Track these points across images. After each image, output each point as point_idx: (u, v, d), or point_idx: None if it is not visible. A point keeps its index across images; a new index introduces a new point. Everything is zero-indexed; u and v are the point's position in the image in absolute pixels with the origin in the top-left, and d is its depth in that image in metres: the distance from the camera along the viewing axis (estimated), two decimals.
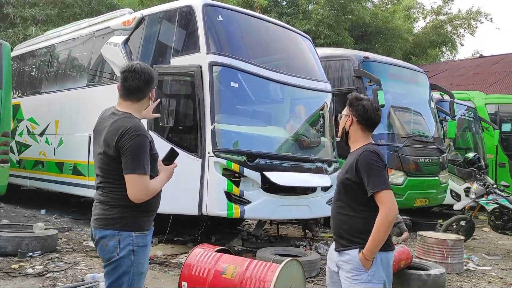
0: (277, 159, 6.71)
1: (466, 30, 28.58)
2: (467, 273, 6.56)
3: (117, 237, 2.64)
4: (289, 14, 21.60)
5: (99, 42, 8.46)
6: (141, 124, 2.70)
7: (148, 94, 2.80)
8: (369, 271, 2.71)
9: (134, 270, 2.67)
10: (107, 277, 2.71)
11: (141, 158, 2.59)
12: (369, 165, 2.74)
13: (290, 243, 7.41)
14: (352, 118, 2.94)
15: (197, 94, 6.33)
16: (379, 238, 2.66)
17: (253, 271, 4.12)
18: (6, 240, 5.81)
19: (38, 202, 10.26)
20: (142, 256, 2.71)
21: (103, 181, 2.72)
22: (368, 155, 2.78)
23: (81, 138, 8.23)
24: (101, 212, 2.70)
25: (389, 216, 2.66)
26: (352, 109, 2.95)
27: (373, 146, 2.89)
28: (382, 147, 9.02)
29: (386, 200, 2.68)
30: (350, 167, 2.83)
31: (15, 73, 10.69)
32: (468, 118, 12.38)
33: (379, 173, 2.74)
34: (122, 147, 2.58)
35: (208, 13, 6.70)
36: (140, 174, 2.59)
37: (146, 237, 2.74)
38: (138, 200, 2.62)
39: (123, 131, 2.60)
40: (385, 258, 2.80)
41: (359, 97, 2.99)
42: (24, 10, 15.06)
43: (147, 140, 2.66)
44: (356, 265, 2.74)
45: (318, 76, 7.86)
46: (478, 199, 8.10)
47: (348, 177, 2.83)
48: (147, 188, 2.63)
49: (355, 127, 2.94)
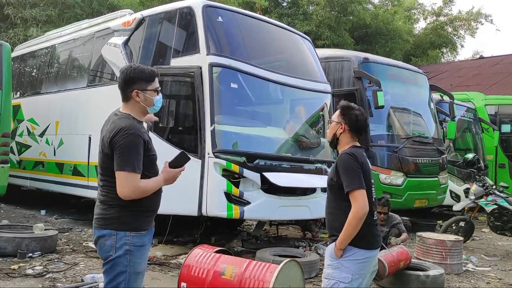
0: (277, 160, 6.72)
1: (467, 31, 28.59)
2: (466, 274, 6.57)
3: (114, 237, 2.67)
4: (290, 15, 21.60)
5: (99, 42, 8.47)
6: (137, 125, 2.74)
7: (130, 94, 2.79)
8: (339, 259, 2.98)
9: (130, 270, 2.69)
10: (105, 276, 2.74)
11: (131, 155, 2.63)
12: (345, 167, 2.99)
13: (289, 244, 7.42)
14: (344, 126, 3.15)
15: (197, 95, 6.34)
16: (349, 231, 2.91)
17: (252, 271, 4.13)
18: (6, 241, 5.82)
19: (38, 202, 10.27)
20: (139, 256, 2.73)
21: (102, 179, 2.77)
22: (345, 158, 3.03)
23: (81, 139, 8.25)
24: (100, 212, 2.75)
25: (358, 213, 2.89)
26: (344, 117, 3.16)
27: (352, 148, 3.11)
28: (382, 148, 9.06)
29: (358, 199, 2.91)
30: (332, 170, 3.12)
31: (16, 74, 10.71)
32: (468, 119, 12.38)
33: (354, 174, 2.97)
34: (115, 145, 2.65)
35: (208, 14, 6.71)
36: (129, 171, 2.62)
37: (143, 237, 2.75)
38: (126, 197, 2.64)
39: (117, 130, 2.66)
40: (362, 255, 2.98)
41: (351, 106, 3.19)
42: (25, 10, 15.07)
43: (140, 140, 2.68)
44: (331, 253, 3.05)
45: (318, 77, 7.87)
46: (477, 200, 8.11)
47: (331, 178, 3.11)
48: (136, 186, 2.64)
49: (345, 134, 3.17)
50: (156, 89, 2.83)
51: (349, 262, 2.97)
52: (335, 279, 2.97)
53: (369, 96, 8.80)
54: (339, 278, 2.95)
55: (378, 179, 8.76)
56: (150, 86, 2.80)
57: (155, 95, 2.82)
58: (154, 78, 2.83)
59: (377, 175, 8.76)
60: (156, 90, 2.84)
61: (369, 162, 3.18)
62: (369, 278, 3.12)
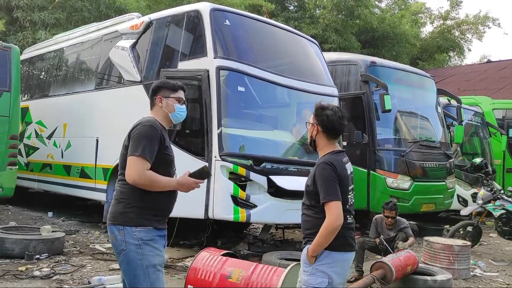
0: (283, 163, 6.72)
1: (474, 35, 28.52)
2: (474, 279, 6.52)
3: (122, 231, 2.78)
4: (296, 18, 21.64)
5: (107, 46, 8.52)
6: (156, 121, 2.91)
7: (154, 101, 3.04)
8: (313, 265, 2.95)
9: (145, 263, 2.77)
10: (123, 273, 2.87)
11: (143, 143, 2.77)
12: (322, 177, 2.95)
13: (296, 247, 7.40)
14: (318, 128, 3.09)
15: (204, 98, 6.35)
16: (321, 241, 2.90)
17: (258, 275, 4.13)
18: (13, 242, 5.85)
19: (45, 204, 10.32)
20: (150, 249, 2.79)
21: (119, 173, 2.90)
22: (323, 167, 2.97)
23: (88, 141, 8.30)
24: (111, 209, 2.88)
25: (332, 225, 2.87)
26: (317, 118, 3.10)
27: (332, 156, 3.05)
28: (389, 151, 9.03)
29: (333, 211, 2.87)
30: (310, 177, 3.06)
31: (24, 76, 10.78)
32: (475, 123, 12.31)
33: (330, 185, 2.92)
34: (131, 136, 2.84)
35: (216, 17, 6.73)
36: (138, 156, 2.74)
37: (150, 232, 2.81)
38: (132, 181, 2.75)
39: (136, 123, 2.90)
40: (336, 257, 2.96)
41: (324, 107, 3.13)
42: (34, 14, 15.22)
43: (156, 132, 2.83)
44: (305, 258, 3.02)
45: (325, 81, 7.86)
46: (485, 204, 8.05)
47: (308, 184, 3.06)
48: (143, 171, 2.74)
49: (320, 135, 3.10)
50: (178, 98, 3.04)
51: (324, 267, 2.94)
52: (311, 285, 2.94)
53: (376, 100, 8.77)
54: (315, 284, 2.93)
55: (385, 183, 8.73)
56: (173, 95, 3.03)
57: (176, 103, 3.03)
58: (178, 89, 3.07)
59: (384, 179, 8.73)
60: (179, 100, 3.04)
61: (348, 168, 3.11)
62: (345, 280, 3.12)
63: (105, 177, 7.91)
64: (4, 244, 5.82)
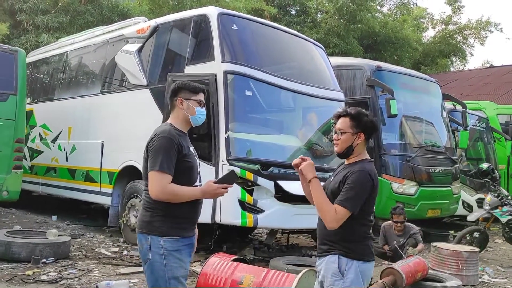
0: (291, 168, 6.64)
1: (476, 40, 28.56)
2: (482, 285, 6.49)
3: (149, 240, 2.79)
4: (299, 22, 21.63)
5: (112, 49, 8.50)
6: (172, 130, 2.86)
7: (175, 102, 2.99)
8: (346, 277, 2.74)
9: (168, 275, 2.76)
10: (147, 281, 2.89)
11: (160, 156, 2.75)
12: (358, 186, 2.74)
13: (301, 253, 7.37)
14: (362, 135, 2.86)
15: (211, 102, 6.32)
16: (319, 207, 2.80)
17: (270, 281, 4.10)
18: (20, 246, 5.82)
19: (49, 208, 10.28)
20: (175, 261, 2.78)
21: (145, 184, 2.90)
22: (364, 178, 2.77)
23: (93, 145, 8.27)
24: (140, 217, 2.91)
25: (332, 222, 2.73)
26: (359, 125, 2.85)
27: (369, 164, 2.86)
28: (395, 156, 9.01)
29: (340, 218, 2.72)
30: (342, 178, 2.83)
31: (28, 80, 10.74)
32: (480, 129, 12.29)
33: (359, 197, 2.74)
34: (149, 149, 2.84)
35: (223, 22, 6.71)
36: (158, 171, 2.74)
37: (176, 242, 2.80)
38: (155, 197, 2.76)
39: (153, 135, 2.88)
40: (364, 268, 2.80)
41: (364, 112, 2.91)
42: (37, 17, 15.22)
43: (172, 143, 2.80)
44: (334, 270, 2.78)
45: (331, 85, 7.85)
46: (492, 210, 8.02)
47: (338, 186, 2.84)
48: (165, 186, 2.73)
49: (362, 143, 2.89)
50: (199, 101, 2.99)
51: (359, 279, 2.77)
52: None
53: (381, 104, 8.75)
54: None
55: (391, 188, 8.70)
56: (194, 97, 2.98)
57: (197, 106, 2.97)
58: (199, 92, 3.01)
59: (390, 184, 8.70)
60: (200, 102, 2.99)
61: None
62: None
63: (110, 181, 7.88)
64: (11, 248, 5.79)
